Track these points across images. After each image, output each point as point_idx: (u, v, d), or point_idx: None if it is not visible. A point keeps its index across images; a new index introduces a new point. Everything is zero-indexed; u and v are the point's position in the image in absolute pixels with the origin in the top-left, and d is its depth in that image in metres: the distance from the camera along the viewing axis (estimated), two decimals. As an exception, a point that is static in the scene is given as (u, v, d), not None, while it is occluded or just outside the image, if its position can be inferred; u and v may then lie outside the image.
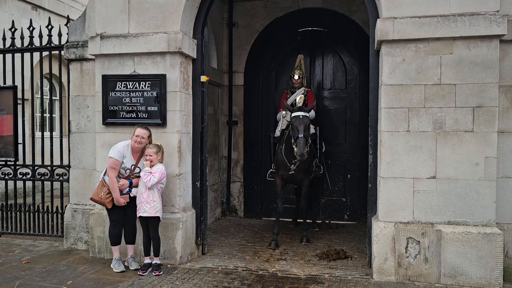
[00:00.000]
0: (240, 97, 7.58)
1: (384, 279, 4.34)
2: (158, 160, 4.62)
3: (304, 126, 5.28)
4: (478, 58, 4.15)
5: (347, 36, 7.08)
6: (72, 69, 5.58)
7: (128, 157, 4.59)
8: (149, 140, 4.64)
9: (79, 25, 5.56)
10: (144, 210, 4.53)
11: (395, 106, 4.31)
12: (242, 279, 4.42)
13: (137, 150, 4.63)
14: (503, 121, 4.35)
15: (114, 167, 4.52)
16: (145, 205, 4.51)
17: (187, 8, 4.89)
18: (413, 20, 4.21)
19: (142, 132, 4.55)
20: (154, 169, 4.52)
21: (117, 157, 4.51)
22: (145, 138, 4.56)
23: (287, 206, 6.91)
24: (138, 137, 4.53)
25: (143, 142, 4.56)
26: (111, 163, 4.51)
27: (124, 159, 4.56)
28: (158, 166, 4.57)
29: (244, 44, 7.50)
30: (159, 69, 4.89)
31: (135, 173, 4.65)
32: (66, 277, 4.48)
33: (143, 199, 4.53)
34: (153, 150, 4.56)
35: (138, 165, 4.65)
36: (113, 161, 4.50)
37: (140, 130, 4.55)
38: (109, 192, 4.54)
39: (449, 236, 4.18)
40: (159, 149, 4.60)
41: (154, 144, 4.63)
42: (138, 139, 4.53)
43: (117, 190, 4.51)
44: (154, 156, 4.55)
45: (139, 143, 4.54)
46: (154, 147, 4.59)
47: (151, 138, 4.68)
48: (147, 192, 4.52)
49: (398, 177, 4.33)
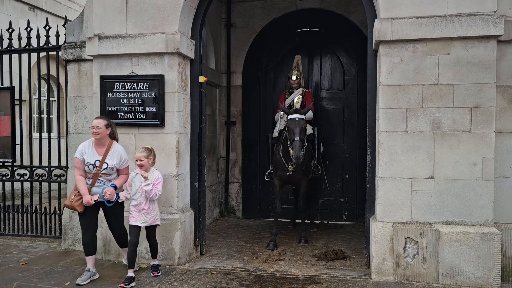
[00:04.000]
0: (238, 98, 7.58)
1: (382, 279, 4.34)
2: (150, 164, 4.41)
3: (300, 128, 5.29)
4: (476, 58, 4.16)
5: (345, 36, 7.10)
6: (70, 69, 5.57)
7: (88, 152, 4.31)
8: (108, 131, 4.34)
9: (76, 26, 5.55)
10: (144, 221, 4.37)
11: (393, 106, 4.32)
12: (240, 279, 4.42)
13: (99, 144, 4.33)
14: (501, 121, 4.36)
15: (77, 166, 4.33)
16: (146, 216, 4.37)
17: (185, 9, 4.89)
18: (410, 20, 4.22)
19: (96, 122, 4.27)
20: (153, 178, 4.36)
21: (77, 155, 4.33)
22: (101, 127, 4.25)
23: (285, 206, 6.91)
24: (94, 127, 4.25)
25: (100, 132, 4.25)
26: (74, 163, 4.40)
27: (84, 155, 4.30)
28: (155, 174, 4.41)
29: (242, 45, 7.51)
30: (157, 69, 4.89)
31: (103, 169, 4.30)
32: (64, 278, 4.47)
33: (144, 210, 4.36)
34: (143, 154, 4.32)
35: (106, 160, 4.30)
36: (75, 160, 4.36)
37: (94, 120, 4.31)
38: (79, 194, 4.28)
39: (447, 236, 4.19)
40: (149, 153, 4.38)
41: (144, 148, 4.42)
42: (94, 130, 4.25)
43: (82, 188, 4.25)
44: (145, 161, 4.32)
45: (96, 133, 4.25)
46: (144, 150, 4.37)
47: (112, 129, 4.41)
48: (148, 203, 4.37)
49: (396, 177, 4.33)
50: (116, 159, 4.36)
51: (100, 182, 4.36)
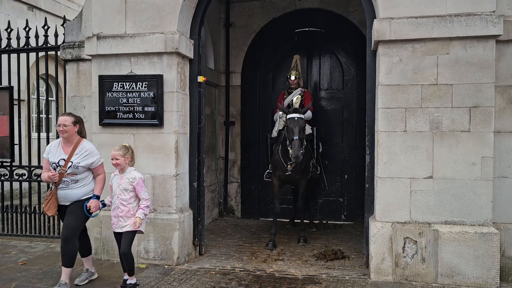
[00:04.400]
0: (237, 98, 7.57)
1: (381, 279, 4.34)
2: (128, 164, 4.03)
3: (299, 128, 5.29)
4: (475, 58, 4.16)
5: (344, 36, 7.09)
6: (69, 69, 5.56)
7: (53, 151, 4.05)
8: (77, 128, 4.06)
9: (75, 26, 5.54)
10: (123, 225, 3.96)
11: (392, 106, 4.32)
12: (239, 279, 4.41)
13: (67, 142, 4.04)
14: (499, 121, 4.36)
15: (44, 166, 4.10)
16: (125, 220, 3.94)
17: (184, 9, 4.88)
18: (409, 20, 4.22)
19: (63, 119, 3.98)
20: (134, 181, 3.95)
21: (44, 155, 4.09)
22: (67, 125, 3.97)
23: (284, 206, 6.91)
24: (60, 125, 3.97)
25: (66, 130, 3.96)
26: (43, 163, 4.17)
27: (49, 155, 4.06)
28: (133, 175, 3.99)
29: (241, 45, 7.50)
30: (156, 69, 4.88)
31: (68, 168, 3.96)
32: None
33: (123, 214, 3.96)
34: (119, 153, 3.95)
35: (72, 159, 3.98)
36: (43, 160, 4.13)
37: (60, 117, 4.00)
38: (47, 198, 4.04)
39: (446, 236, 4.19)
40: (127, 150, 4.01)
41: (120, 145, 4.06)
42: (60, 128, 3.96)
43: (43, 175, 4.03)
44: (121, 160, 3.95)
45: (63, 132, 3.96)
46: (120, 148, 4.00)
47: (80, 126, 4.12)
48: (128, 206, 3.96)
49: (395, 177, 4.33)
50: (84, 157, 4.02)
51: (65, 183, 4.02)
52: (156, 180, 4.89)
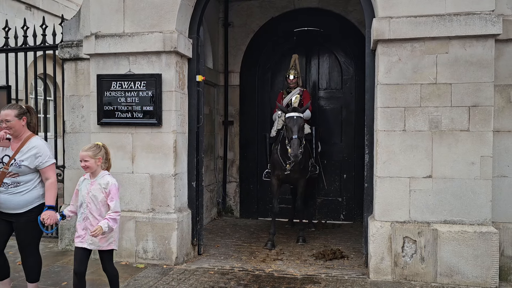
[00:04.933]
0: (236, 97, 7.56)
1: (380, 278, 4.33)
2: (100, 166, 3.36)
3: (298, 127, 5.29)
4: (474, 57, 4.15)
5: (342, 36, 7.09)
6: (67, 68, 5.54)
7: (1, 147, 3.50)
8: (23, 121, 3.48)
9: (73, 25, 5.52)
10: (91, 242, 3.32)
11: (391, 105, 4.31)
12: (238, 279, 4.40)
13: (15, 138, 3.48)
14: (499, 120, 4.36)
15: None
16: None
17: (182, 8, 4.86)
18: (409, 19, 4.22)
19: (3, 114, 3.41)
20: (107, 187, 3.31)
21: None
22: (10, 120, 3.40)
23: (283, 206, 6.90)
24: (3, 122, 3.43)
25: (9, 125, 3.41)
26: None
27: None
28: (105, 180, 3.33)
29: (240, 44, 7.49)
30: (154, 68, 4.86)
31: (10, 166, 3.39)
32: (61, 278, 4.44)
33: (92, 226, 3.29)
34: (87, 153, 3.29)
35: (16, 156, 3.41)
36: None
37: (1, 112, 3.45)
38: None
39: (445, 235, 4.18)
40: (98, 150, 3.34)
41: (91, 144, 3.41)
42: (3, 125, 3.43)
43: None
44: (91, 162, 3.29)
45: (7, 128, 3.41)
46: (90, 148, 3.33)
47: (28, 119, 3.55)
48: (99, 217, 3.30)
49: (395, 177, 4.33)
50: (30, 156, 3.42)
51: (4, 186, 3.42)
52: (155, 180, 4.88)
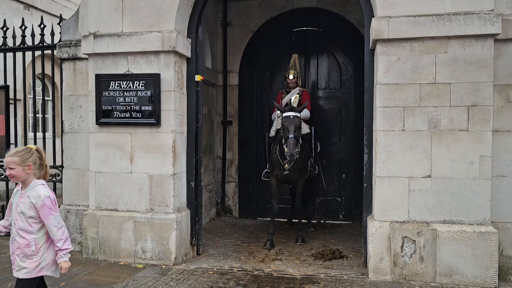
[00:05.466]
0: (234, 97, 7.55)
1: (379, 278, 4.33)
2: (34, 175, 2.74)
3: (294, 126, 5.29)
4: (473, 57, 4.15)
5: (341, 35, 7.08)
6: (65, 68, 5.52)
7: None
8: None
9: (72, 24, 5.51)
10: (19, 267, 2.72)
11: (390, 105, 4.31)
12: (237, 279, 4.39)
13: None
14: (498, 120, 4.36)
15: None
16: (22, 260, 2.71)
17: (181, 7, 4.85)
18: (408, 19, 4.21)
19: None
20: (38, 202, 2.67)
21: None
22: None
23: (282, 206, 6.89)
24: None
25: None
26: None
27: None
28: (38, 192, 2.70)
29: (239, 44, 7.48)
30: (153, 68, 4.85)
31: None
32: (59, 278, 4.40)
33: (18, 251, 2.72)
34: (13, 159, 2.67)
35: None
36: None
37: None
38: None
39: (444, 235, 4.18)
40: (28, 155, 2.71)
41: (20, 148, 2.77)
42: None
43: None
44: (18, 169, 2.68)
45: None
46: (17, 153, 2.69)
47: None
48: (28, 236, 2.69)
49: (394, 176, 4.32)
50: None
51: None
52: (154, 180, 4.86)
